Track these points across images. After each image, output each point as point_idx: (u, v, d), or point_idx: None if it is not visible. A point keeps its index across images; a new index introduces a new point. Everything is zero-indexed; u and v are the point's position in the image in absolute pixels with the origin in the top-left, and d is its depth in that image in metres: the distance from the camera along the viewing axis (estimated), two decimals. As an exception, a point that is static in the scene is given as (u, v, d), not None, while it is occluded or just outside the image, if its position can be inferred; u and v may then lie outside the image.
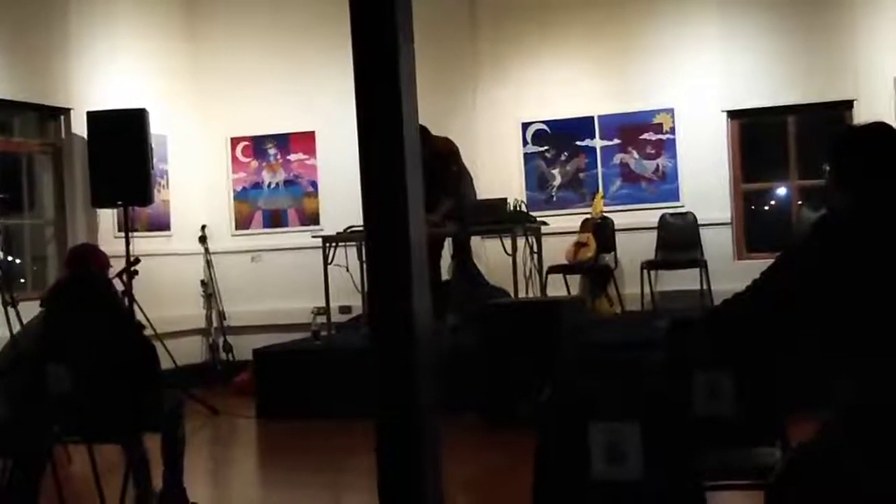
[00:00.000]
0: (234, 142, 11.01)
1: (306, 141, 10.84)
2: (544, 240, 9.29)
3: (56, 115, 9.33)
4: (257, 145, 10.98)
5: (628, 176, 10.20)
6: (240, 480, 7.11)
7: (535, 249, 9.13)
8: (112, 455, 5.76)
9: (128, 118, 8.92)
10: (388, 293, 2.49)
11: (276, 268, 10.75)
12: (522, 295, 8.76)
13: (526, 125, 10.44)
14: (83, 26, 9.54)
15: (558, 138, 10.37)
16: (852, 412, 2.90)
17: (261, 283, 10.73)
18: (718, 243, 9.83)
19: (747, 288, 3.06)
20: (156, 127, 9.28)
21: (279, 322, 10.29)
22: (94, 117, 8.98)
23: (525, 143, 10.46)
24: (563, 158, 10.37)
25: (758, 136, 10.28)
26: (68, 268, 5.46)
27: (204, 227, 10.81)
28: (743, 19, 9.90)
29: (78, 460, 6.22)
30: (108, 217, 9.59)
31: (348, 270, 8.83)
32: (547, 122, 10.39)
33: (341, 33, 2.89)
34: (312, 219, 10.78)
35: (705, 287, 9.51)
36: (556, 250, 9.70)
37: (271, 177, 10.96)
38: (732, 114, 9.99)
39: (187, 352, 10.10)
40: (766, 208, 10.85)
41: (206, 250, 10.78)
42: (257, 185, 11.00)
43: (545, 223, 9.32)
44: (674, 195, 10.04)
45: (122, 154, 8.80)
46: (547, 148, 10.41)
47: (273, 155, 10.94)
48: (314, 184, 10.82)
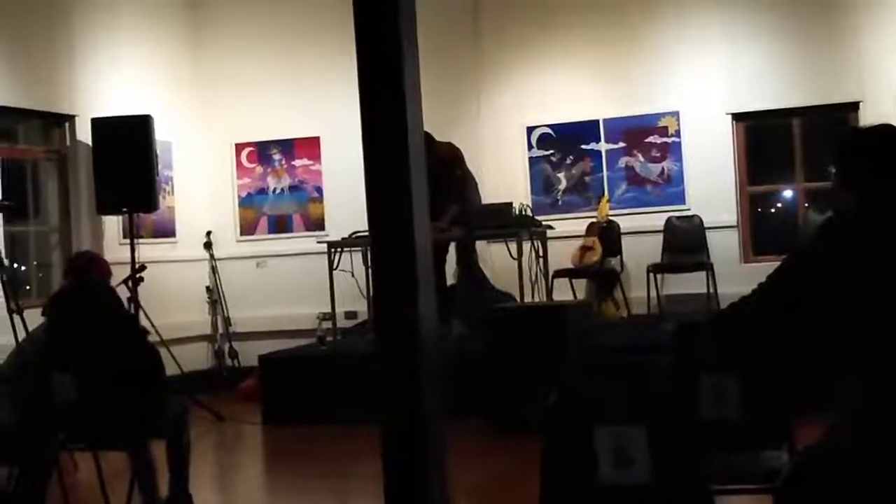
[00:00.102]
0: (239, 148, 11.02)
1: (311, 146, 10.84)
2: (550, 244, 9.29)
3: (61, 122, 9.34)
4: (262, 151, 10.98)
5: (634, 179, 10.19)
6: (246, 486, 7.11)
7: (541, 253, 9.11)
8: (118, 462, 5.76)
9: (132, 125, 8.93)
10: (393, 298, 2.48)
11: (281, 274, 10.74)
12: (528, 299, 8.75)
13: (531, 129, 10.44)
14: (87, 34, 9.55)
15: (563, 142, 10.36)
16: (859, 415, 2.89)
17: (266, 289, 10.73)
18: (725, 246, 9.81)
19: (754, 291, 3.05)
20: (160, 133, 9.30)
21: (285, 328, 10.27)
22: (98, 124, 8.99)
23: (530, 147, 10.45)
24: (568, 162, 10.36)
25: (763, 138, 10.27)
26: (69, 276, 5.45)
27: (209, 233, 10.81)
28: (747, 21, 9.89)
29: (84, 467, 6.22)
30: (113, 224, 9.60)
31: (353, 276, 8.83)
32: (552, 126, 10.39)
33: (345, 39, 2.88)
34: (318, 224, 10.78)
35: (712, 290, 9.49)
36: (562, 254, 9.70)
37: (276, 182, 10.96)
38: (738, 116, 9.98)
39: (193, 358, 10.10)
40: (772, 211, 10.83)
41: (212, 256, 10.78)
42: (262, 191, 11.00)
43: (551, 227, 9.31)
44: (679, 198, 10.03)
45: (126, 161, 8.81)
46: (552, 152, 10.41)
47: (278, 160, 10.94)
48: (319, 189, 10.82)
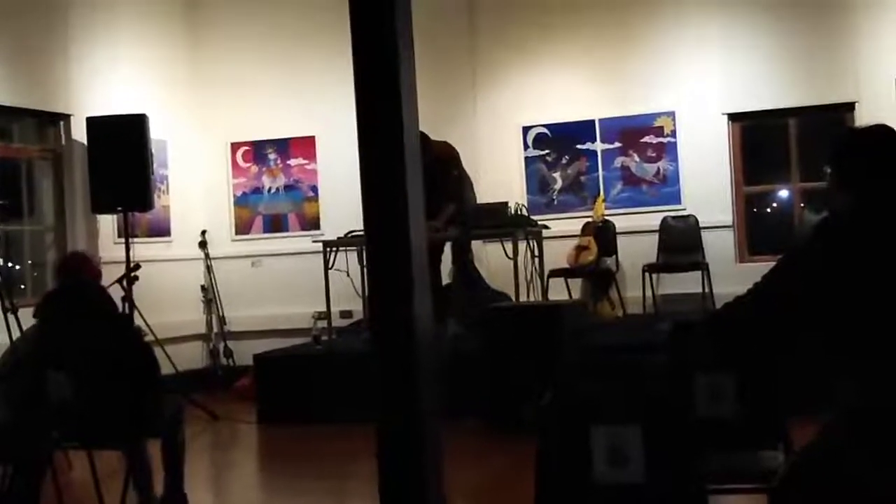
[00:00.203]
0: (235, 147, 11.01)
1: (306, 146, 10.83)
2: (545, 243, 9.28)
3: (56, 121, 9.32)
4: (257, 150, 10.97)
5: (629, 179, 10.19)
6: (240, 486, 7.10)
7: (537, 253, 9.11)
8: (112, 461, 5.76)
9: (128, 124, 8.90)
10: (388, 297, 2.48)
11: (276, 273, 10.74)
12: (524, 299, 8.75)
13: (526, 129, 10.43)
14: (84, 33, 9.53)
15: (559, 142, 10.36)
16: (855, 414, 2.89)
17: (261, 288, 10.72)
18: (720, 246, 9.82)
19: (749, 291, 3.05)
20: (156, 132, 9.28)
21: (280, 327, 10.27)
22: (93, 123, 8.96)
23: (526, 146, 10.45)
24: (563, 162, 10.36)
25: (759, 138, 10.26)
26: (60, 277, 5.41)
27: (204, 232, 10.80)
28: (744, 22, 9.89)
29: (78, 466, 6.21)
30: (108, 223, 9.59)
31: (349, 275, 8.81)
32: (547, 126, 10.39)
33: (341, 39, 2.88)
34: (313, 223, 10.77)
35: (707, 290, 9.49)
36: (558, 254, 9.69)
37: (271, 182, 10.95)
38: (733, 116, 9.98)
39: (188, 357, 10.09)
40: (767, 211, 10.83)
41: (207, 255, 10.77)
42: (257, 190, 10.99)
43: (546, 227, 9.30)
44: (675, 198, 10.03)
45: (122, 160, 8.79)
46: (548, 152, 10.41)
47: (273, 160, 10.93)
48: (314, 188, 10.82)
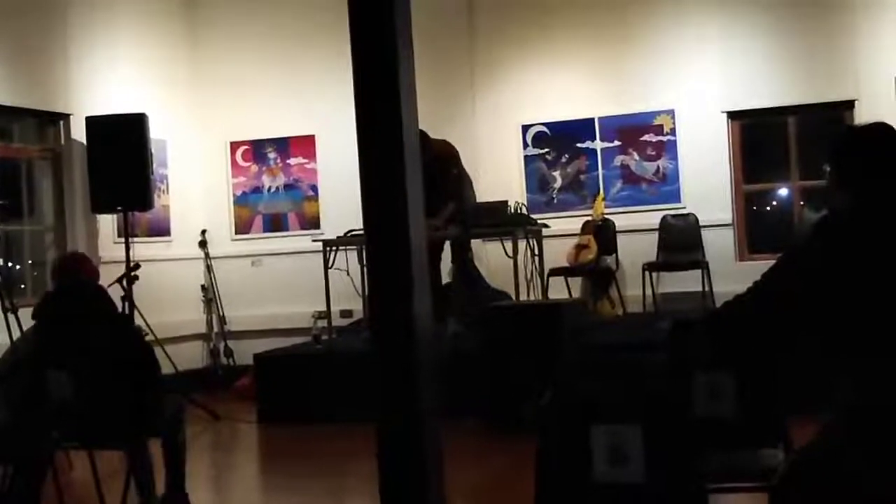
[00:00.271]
0: (234, 146, 11.01)
1: (306, 145, 10.83)
2: (545, 242, 9.28)
3: (55, 120, 9.32)
4: (257, 149, 10.97)
5: (629, 177, 10.19)
6: (241, 485, 7.10)
7: (536, 252, 9.11)
8: (113, 461, 5.76)
9: (127, 123, 8.91)
10: (388, 297, 2.48)
11: (276, 272, 10.74)
12: (524, 297, 8.75)
13: (526, 128, 10.43)
14: (83, 33, 9.53)
15: (558, 140, 10.36)
16: (854, 413, 2.89)
17: (261, 288, 10.73)
18: (720, 244, 9.82)
19: (749, 289, 3.05)
20: (155, 132, 9.27)
21: (280, 326, 10.28)
22: (93, 123, 8.96)
23: (525, 145, 10.45)
24: (563, 160, 10.36)
25: (759, 136, 10.26)
26: (57, 278, 5.37)
27: (204, 231, 10.80)
28: (743, 20, 9.89)
29: (79, 466, 6.22)
30: (107, 222, 9.59)
31: (349, 274, 8.82)
32: (547, 125, 10.38)
33: (341, 39, 2.88)
34: (313, 223, 10.77)
35: (707, 289, 9.49)
36: (558, 253, 9.69)
37: (271, 181, 10.95)
38: (733, 115, 9.98)
39: (188, 357, 10.09)
40: (767, 209, 10.83)
41: (207, 255, 10.77)
42: (257, 190, 10.99)
43: (546, 225, 9.30)
44: (675, 196, 10.03)
45: (121, 159, 8.79)
46: (547, 150, 10.41)
47: (273, 159, 10.93)
48: (314, 188, 10.82)
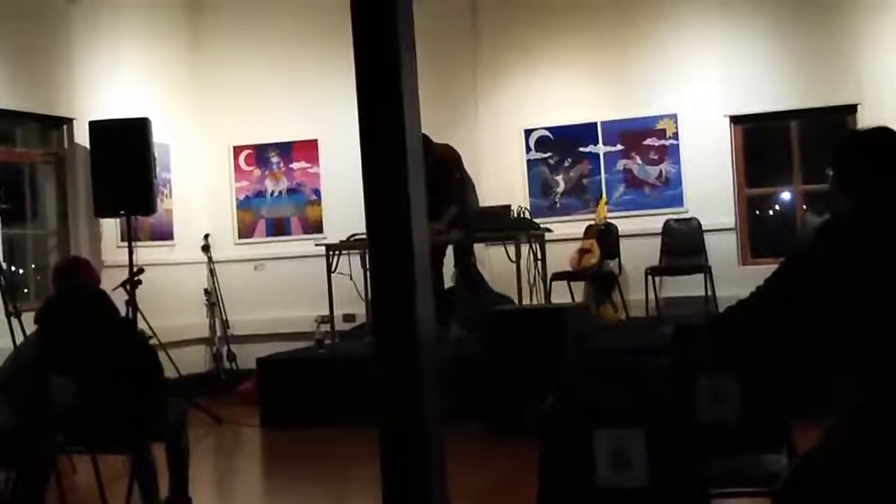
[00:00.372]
0: (237, 150, 11.01)
1: (309, 149, 10.83)
2: (548, 246, 9.27)
3: (59, 124, 9.33)
4: (260, 154, 10.97)
5: (632, 182, 10.19)
6: (244, 489, 7.10)
7: (539, 256, 9.10)
8: (116, 464, 5.76)
9: (130, 128, 8.92)
10: (391, 301, 2.48)
11: (279, 276, 10.74)
12: (526, 302, 8.74)
13: (529, 132, 10.43)
14: (87, 37, 9.54)
15: (561, 145, 10.36)
16: (858, 417, 2.89)
17: (264, 292, 10.72)
18: (723, 249, 9.81)
19: (752, 294, 3.05)
20: (158, 136, 9.28)
21: (283, 331, 10.28)
22: (96, 127, 8.97)
23: (528, 149, 10.45)
24: (566, 165, 10.36)
25: (761, 140, 10.26)
26: (58, 281, 5.36)
27: (207, 235, 10.80)
28: (745, 24, 9.88)
29: (82, 470, 6.22)
30: (110, 227, 9.59)
31: (352, 279, 8.82)
32: (550, 129, 10.38)
33: (343, 43, 2.88)
34: (315, 227, 10.77)
35: (710, 293, 9.49)
36: (560, 257, 9.69)
37: (274, 185, 10.95)
38: (736, 119, 9.97)
39: (191, 361, 10.09)
40: (770, 213, 10.83)
41: (210, 259, 10.77)
42: (260, 194, 10.99)
43: (549, 230, 9.30)
44: (678, 201, 10.02)
45: (124, 163, 8.80)
46: (550, 154, 10.40)
47: (276, 163, 10.93)
48: (317, 192, 10.82)
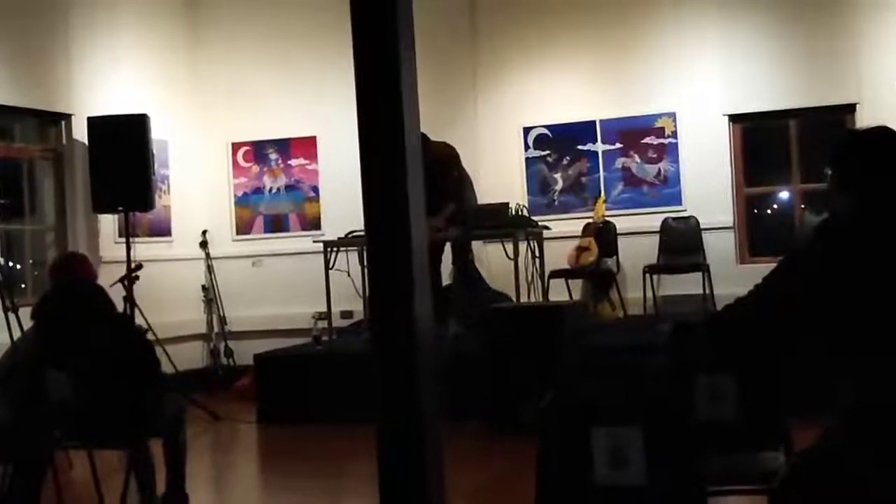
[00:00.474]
0: (236, 147, 11.01)
1: (307, 146, 10.83)
2: (546, 244, 9.28)
3: (57, 120, 9.32)
4: (258, 150, 10.97)
5: (630, 180, 10.19)
6: (241, 485, 7.10)
7: (537, 254, 9.11)
8: (112, 460, 5.76)
9: (129, 124, 8.91)
10: (389, 298, 2.47)
11: (277, 273, 10.74)
12: (524, 299, 8.75)
13: (527, 130, 10.43)
14: (85, 33, 9.53)
15: (560, 143, 10.36)
16: (856, 415, 2.89)
17: (262, 288, 10.73)
18: (721, 247, 9.81)
19: (750, 292, 3.05)
20: (157, 132, 9.28)
21: (280, 327, 10.28)
22: (94, 123, 8.97)
23: (527, 147, 10.45)
24: (564, 163, 10.36)
25: (760, 139, 10.26)
26: (55, 277, 5.34)
27: (205, 232, 10.80)
28: (744, 23, 9.88)
29: (79, 465, 6.22)
30: (109, 222, 9.59)
31: (349, 275, 8.82)
32: (548, 127, 10.38)
33: (342, 40, 2.88)
34: (314, 224, 10.77)
35: (708, 291, 9.49)
36: (558, 255, 9.69)
37: (272, 182, 10.95)
38: (734, 118, 9.97)
39: (188, 357, 10.09)
40: (768, 212, 10.83)
41: (207, 255, 10.77)
42: (258, 190, 10.99)
43: (547, 227, 9.30)
44: (676, 199, 10.02)
45: (123, 159, 8.80)
46: (548, 152, 10.40)
47: (274, 160, 10.93)
48: (315, 189, 10.82)
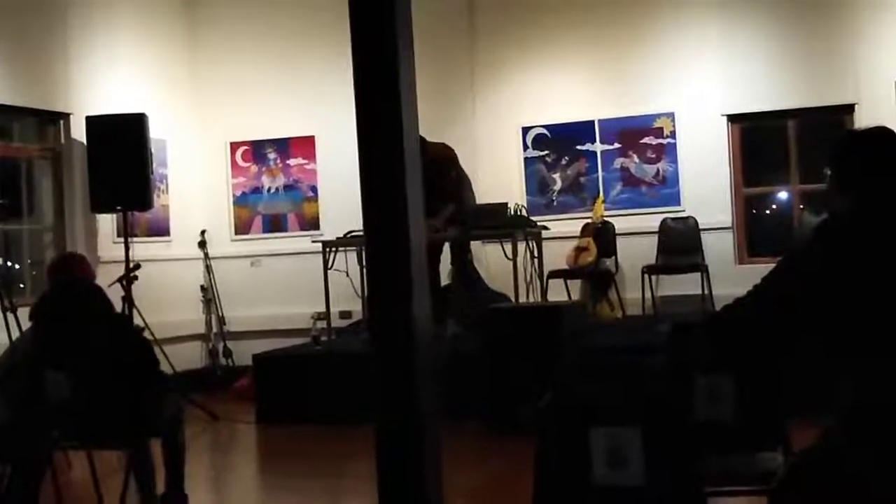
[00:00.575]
0: (234, 146, 11.00)
1: (306, 145, 10.83)
2: (545, 244, 9.28)
3: (55, 120, 9.31)
4: (257, 150, 10.97)
5: (629, 180, 10.19)
6: (240, 486, 7.10)
7: (536, 254, 9.11)
8: (111, 460, 5.77)
9: (127, 123, 8.91)
10: (388, 298, 2.47)
11: (275, 273, 10.74)
12: (523, 300, 8.75)
13: (526, 130, 10.43)
14: (83, 32, 9.52)
15: (559, 143, 10.36)
16: (855, 415, 2.89)
17: (260, 288, 10.72)
18: (719, 248, 9.81)
19: (749, 292, 3.05)
20: (155, 131, 9.28)
21: (279, 327, 10.27)
22: (93, 122, 8.96)
23: (525, 147, 10.44)
24: (563, 163, 10.36)
25: (759, 140, 10.26)
26: (53, 277, 5.33)
27: (203, 231, 10.79)
28: (743, 23, 9.88)
29: (77, 465, 6.21)
30: (107, 222, 9.58)
31: (348, 275, 8.82)
32: (547, 127, 10.38)
33: (341, 40, 2.88)
34: (312, 223, 10.77)
35: (706, 292, 9.49)
36: (557, 255, 9.69)
37: (271, 181, 10.94)
38: (733, 118, 9.97)
39: (187, 357, 10.09)
40: (767, 212, 10.82)
41: (206, 255, 10.77)
42: (257, 190, 10.99)
43: (546, 228, 9.30)
44: (675, 199, 10.02)
45: (121, 159, 8.80)
46: (547, 152, 10.40)
47: (273, 159, 10.93)
48: (314, 188, 10.81)
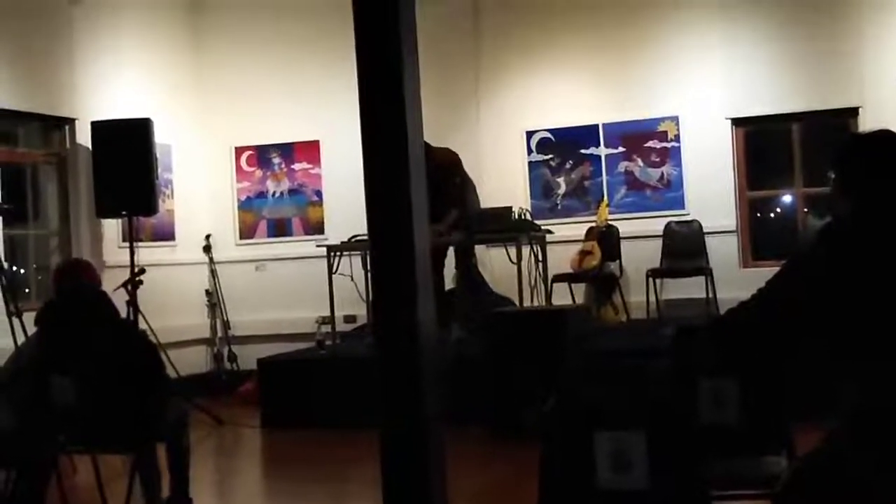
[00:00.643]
0: (239, 151, 11.01)
1: (311, 150, 10.83)
2: (549, 248, 9.28)
3: (61, 125, 9.33)
4: (262, 154, 10.98)
5: (633, 184, 10.19)
6: (245, 490, 7.10)
7: (540, 258, 9.11)
8: (116, 464, 5.76)
9: (132, 128, 8.93)
10: (392, 302, 2.48)
11: (280, 277, 10.74)
12: (527, 304, 8.74)
13: (530, 134, 10.44)
14: (88, 38, 9.54)
15: (563, 147, 10.36)
16: (859, 418, 2.89)
17: (265, 293, 10.73)
18: (724, 251, 9.81)
19: (753, 296, 3.05)
20: (160, 136, 9.30)
21: (284, 331, 10.28)
22: (98, 127, 8.99)
23: (529, 151, 10.45)
24: (567, 167, 10.36)
25: (763, 143, 10.26)
26: (58, 283, 5.33)
27: (208, 236, 10.80)
28: (747, 26, 9.88)
29: (82, 470, 6.22)
30: (112, 227, 9.60)
31: (353, 280, 8.82)
32: (551, 131, 10.39)
33: (345, 45, 2.88)
34: (317, 228, 10.77)
35: (711, 295, 9.49)
36: (561, 259, 9.69)
37: (276, 186, 10.95)
38: (737, 121, 9.97)
39: (192, 362, 10.10)
40: (771, 216, 10.83)
41: (211, 260, 10.78)
42: (262, 195, 11.00)
43: (550, 232, 9.30)
44: (679, 203, 10.02)
45: (126, 164, 8.81)
46: (551, 156, 10.41)
47: (277, 164, 10.94)
48: (319, 193, 10.82)
